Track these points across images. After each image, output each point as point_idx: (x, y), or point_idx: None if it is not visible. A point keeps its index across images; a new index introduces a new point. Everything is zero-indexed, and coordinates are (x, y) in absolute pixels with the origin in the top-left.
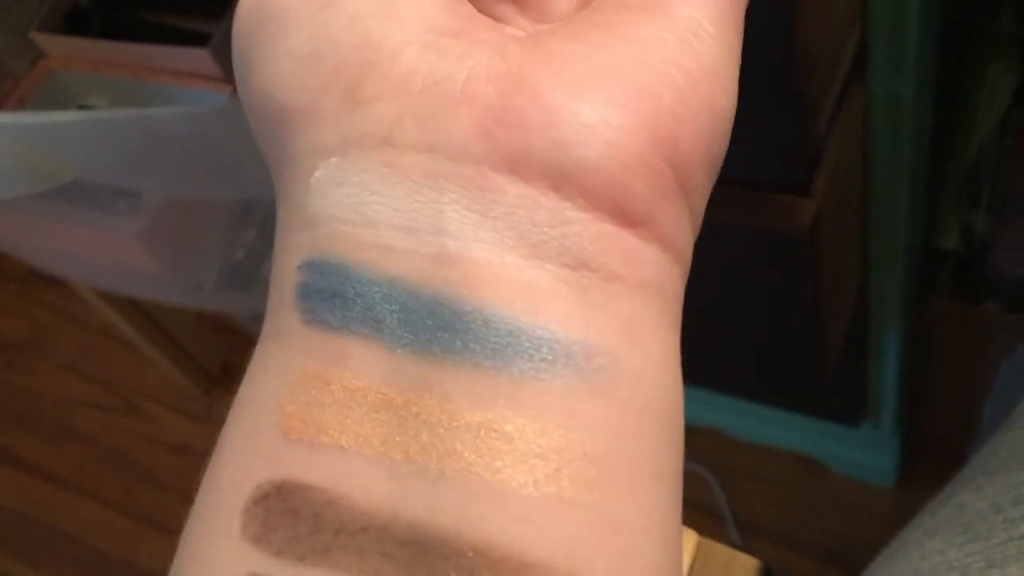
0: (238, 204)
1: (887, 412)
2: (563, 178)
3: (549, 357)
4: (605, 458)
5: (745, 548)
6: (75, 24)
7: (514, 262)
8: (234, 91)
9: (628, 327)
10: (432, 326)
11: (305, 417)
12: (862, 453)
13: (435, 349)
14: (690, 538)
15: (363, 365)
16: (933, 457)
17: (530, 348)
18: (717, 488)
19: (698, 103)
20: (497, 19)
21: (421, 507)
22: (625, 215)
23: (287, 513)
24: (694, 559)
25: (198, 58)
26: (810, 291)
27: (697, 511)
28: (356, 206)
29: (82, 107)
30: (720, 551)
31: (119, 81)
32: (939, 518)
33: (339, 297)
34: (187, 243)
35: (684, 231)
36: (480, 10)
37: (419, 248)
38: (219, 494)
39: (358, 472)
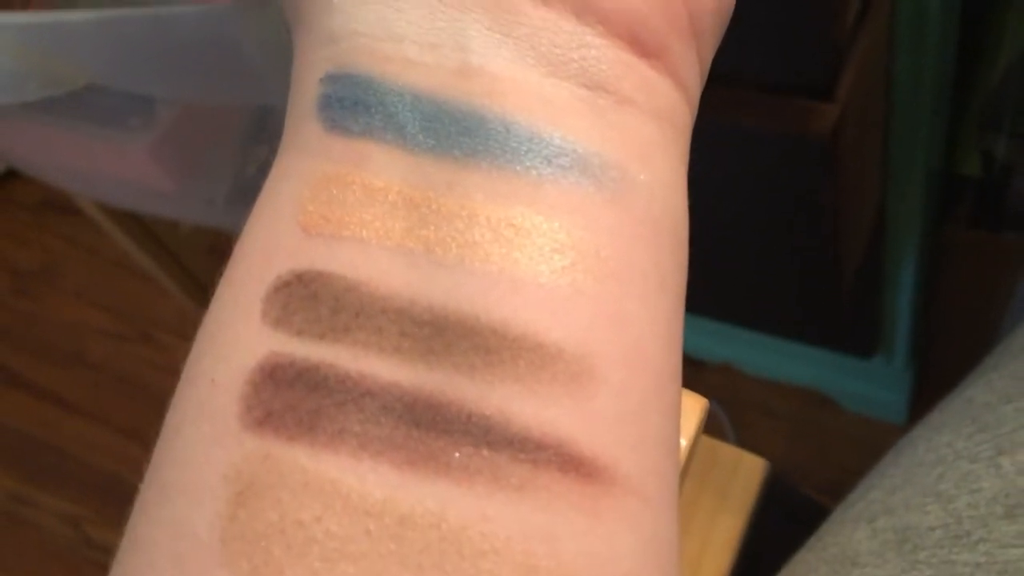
0: (250, 119)
1: (900, 344)
2: (584, 5)
3: (567, 164)
4: (617, 260)
5: None
6: None
7: (535, 78)
8: None
9: (641, 149)
10: (453, 131)
11: (326, 213)
12: (874, 388)
13: (456, 152)
14: (698, 402)
15: (384, 167)
16: (946, 394)
17: (549, 154)
18: (727, 423)
19: None
20: None
21: (440, 292)
22: (641, 45)
23: (307, 298)
24: (699, 427)
25: None
26: (829, 202)
27: None
28: (380, 22)
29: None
30: (727, 451)
31: None
32: (947, 413)
33: (361, 105)
34: (199, 158)
35: (694, 72)
36: None
37: (442, 62)
38: (238, 287)
39: (378, 261)
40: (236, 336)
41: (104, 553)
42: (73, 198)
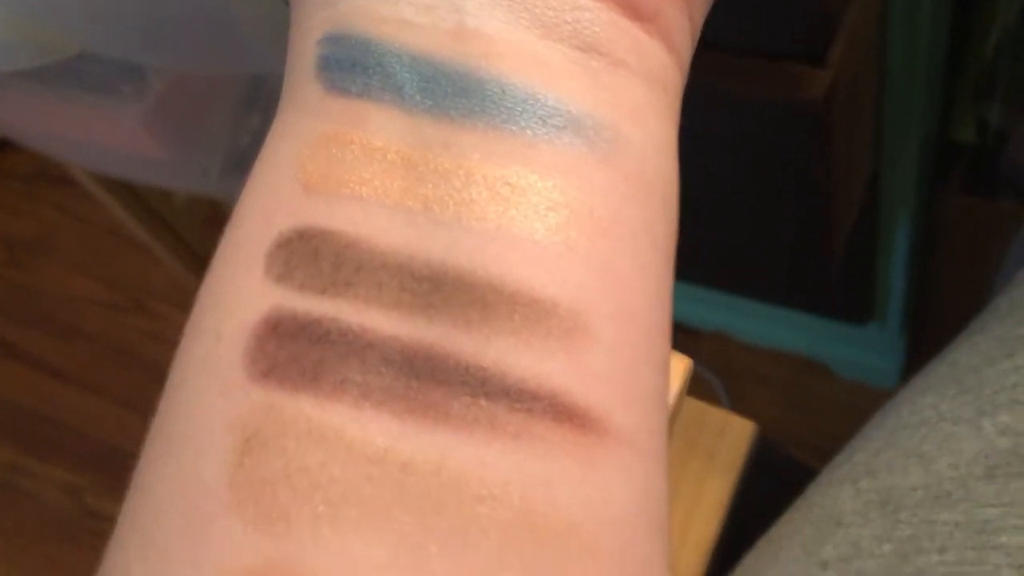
0: (244, 88)
1: (894, 310)
2: None
3: (561, 125)
4: (609, 219)
5: None
6: None
7: (529, 40)
8: None
9: (633, 111)
10: (450, 92)
11: (326, 172)
12: (867, 354)
13: (453, 113)
14: (682, 361)
15: (383, 127)
16: None
17: (544, 115)
18: (721, 390)
19: None
20: None
21: (438, 248)
22: (634, 9)
23: (309, 254)
24: (684, 386)
25: None
26: (821, 168)
27: None
28: None
29: None
30: (715, 414)
31: None
32: (931, 376)
33: (359, 66)
34: (192, 128)
35: (685, 36)
36: None
37: (438, 24)
38: (240, 245)
39: (377, 219)
40: (239, 292)
41: (103, 522)
42: (66, 168)
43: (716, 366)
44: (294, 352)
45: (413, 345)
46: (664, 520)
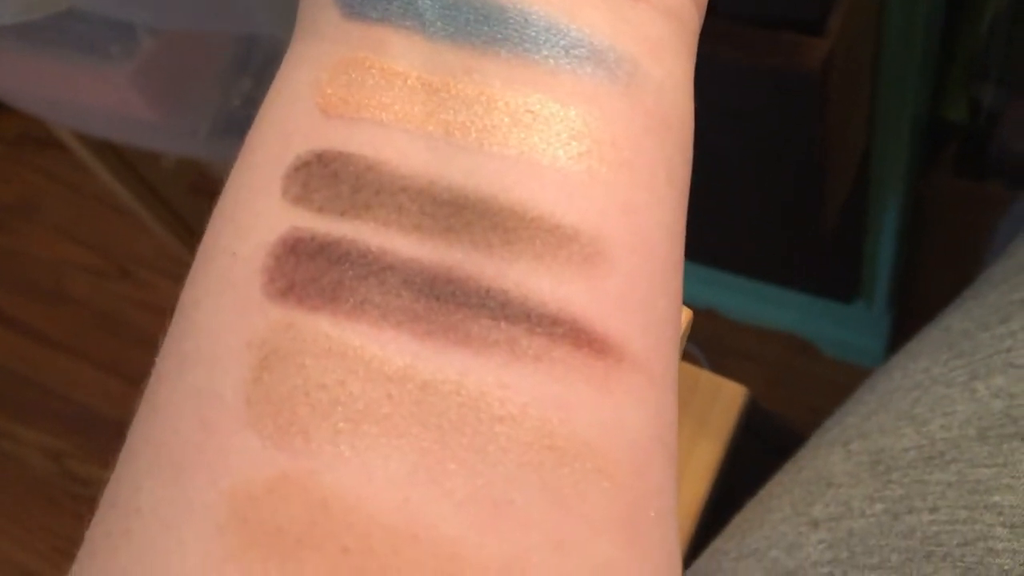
0: (235, 50)
1: (881, 289)
2: None
3: (583, 55)
4: (629, 150)
5: None
6: None
7: None
8: None
9: (653, 45)
10: (472, 19)
11: (345, 96)
12: (853, 333)
13: (474, 40)
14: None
15: (403, 52)
16: None
17: (566, 45)
18: (707, 367)
19: None
20: None
21: (459, 173)
22: None
23: (328, 176)
24: (686, 332)
25: None
26: (817, 138)
27: None
28: None
29: None
30: (707, 378)
31: None
32: (924, 342)
33: None
34: (182, 88)
35: None
36: None
37: None
38: (255, 168)
39: (398, 143)
40: (256, 213)
41: (85, 486)
42: (53, 132)
43: (702, 341)
44: (313, 272)
45: (433, 267)
46: (675, 449)
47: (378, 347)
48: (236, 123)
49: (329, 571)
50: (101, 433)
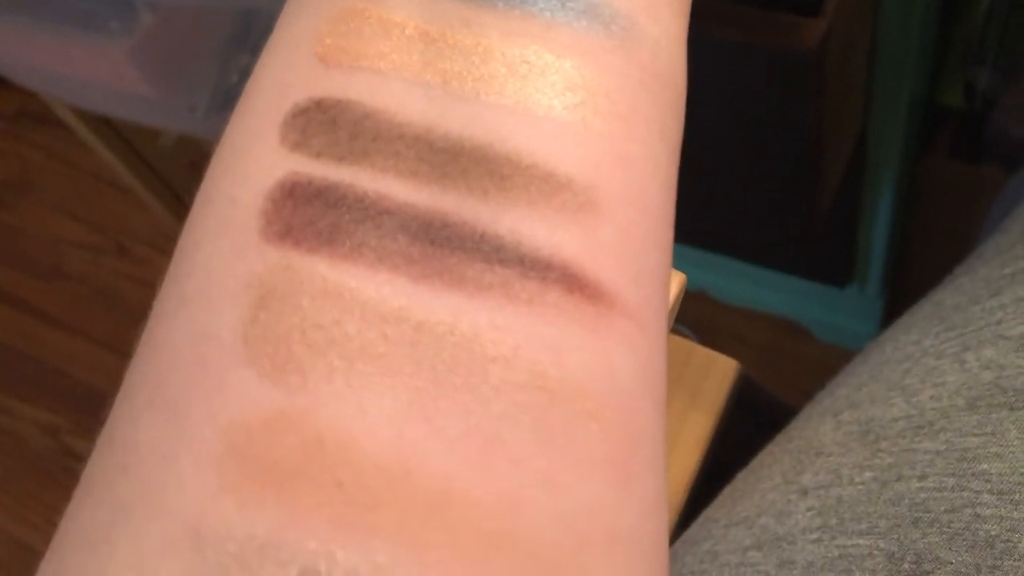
0: (233, 26)
1: (874, 273)
2: None
3: (579, 9)
4: (624, 104)
5: None
6: None
7: None
8: None
9: (650, 2)
10: None
11: (344, 45)
12: (845, 317)
13: None
14: (676, 276)
15: (402, 2)
16: None
17: None
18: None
19: None
20: None
21: (456, 121)
22: None
23: (326, 123)
24: (679, 295)
25: None
26: (813, 118)
27: None
28: None
29: None
30: (700, 352)
31: None
32: (915, 316)
33: None
34: (180, 64)
35: None
36: None
37: None
38: (254, 115)
39: (395, 91)
40: (255, 159)
41: (81, 462)
42: (51, 108)
43: (694, 324)
44: (310, 215)
45: (429, 213)
46: (663, 398)
47: (374, 288)
48: (234, 99)
49: (323, 504)
50: (98, 409)
